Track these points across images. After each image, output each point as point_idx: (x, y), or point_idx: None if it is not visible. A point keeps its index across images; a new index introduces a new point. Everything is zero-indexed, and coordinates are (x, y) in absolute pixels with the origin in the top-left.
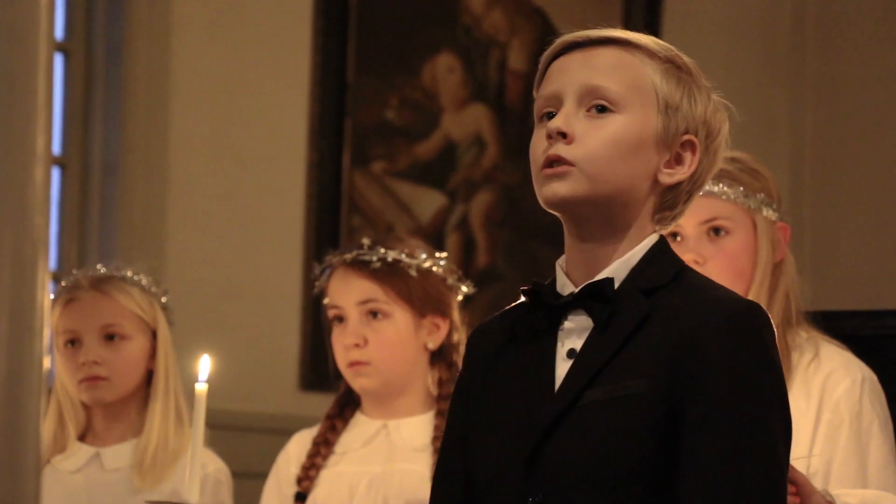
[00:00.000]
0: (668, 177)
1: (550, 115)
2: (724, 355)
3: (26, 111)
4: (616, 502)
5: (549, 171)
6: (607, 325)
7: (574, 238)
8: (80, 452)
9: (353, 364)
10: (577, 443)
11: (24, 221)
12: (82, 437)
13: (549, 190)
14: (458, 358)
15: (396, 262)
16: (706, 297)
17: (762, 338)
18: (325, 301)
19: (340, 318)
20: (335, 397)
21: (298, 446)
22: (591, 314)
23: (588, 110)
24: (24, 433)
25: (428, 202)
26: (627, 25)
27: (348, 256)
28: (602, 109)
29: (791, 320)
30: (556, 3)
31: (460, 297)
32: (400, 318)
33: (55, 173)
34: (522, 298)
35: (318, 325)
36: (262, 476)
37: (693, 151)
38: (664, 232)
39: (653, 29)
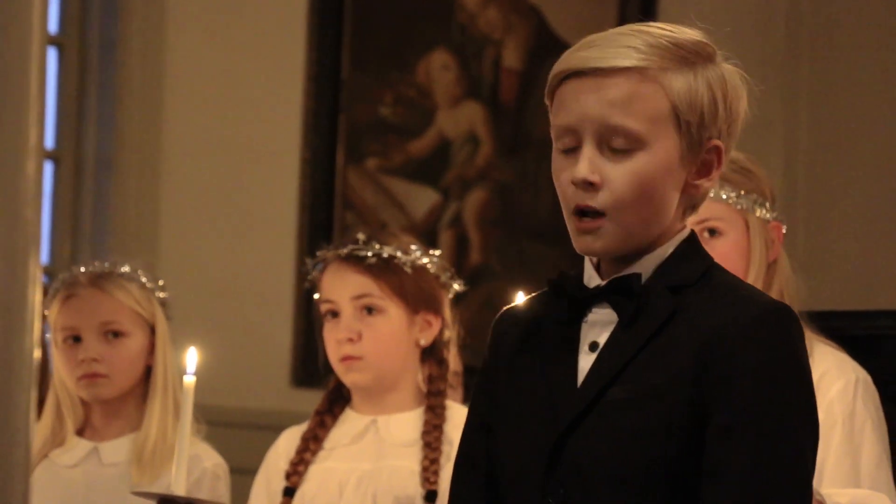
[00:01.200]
0: (697, 189)
1: (569, 147)
2: (753, 358)
3: (19, 105)
4: (638, 501)
5: (581, 224)
6: (632, 320)
7: None
8: (79, 447)
9: (345, 359)
10: (599, 440)
11: (15, 216)
12: (80, 432)
13: (584, 244)
14: (449, 355)
15: (392, 257)
16: (735, 297)
17: (792, 341)
18: (318, 295)
19: (334, 313)
20: (324, 393)
21: (288, 442)
22: (616, 309)
23: (609, 147)
24: (14, 428)
25: (421, 199)
26: (622, 25)
27: (343, 251)
28: (623, 148)
29: None
30: (551, 1)
31: (451, 295)
32: (394, 314)
33: (48, 167)
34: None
35: (310, 322)
36: (254, 472)
37: (718, 157)
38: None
39: None
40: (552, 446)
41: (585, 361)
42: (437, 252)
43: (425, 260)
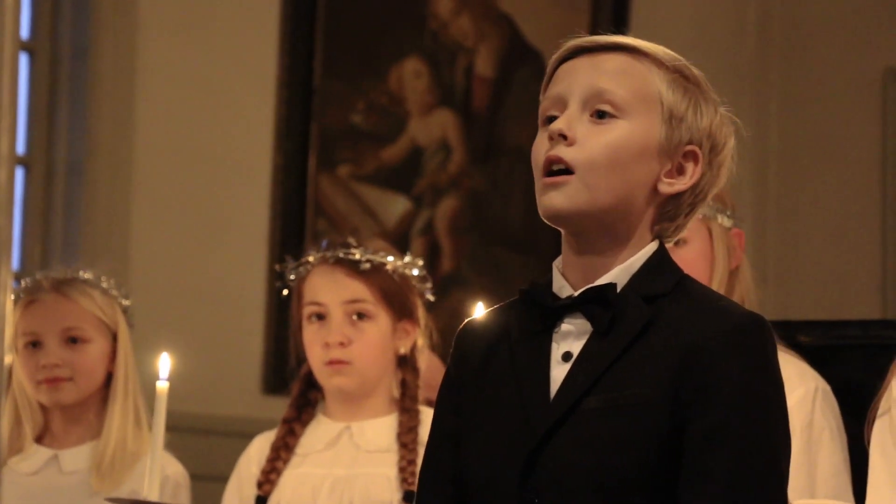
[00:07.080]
0: (668, 186)
1: (553, 119)
2: (735, 369)
3: None
4: None
5: (548, 179)
6: (608, 330)
7: (572, 247)
8: (38, 454)
9: (333, 362)
10: (576, 450)
11: None
12: (39, 439)
13: (548, 200)
14: (422, 363)
15: (382, 264)
16: (712, 308)
17: (769, 353)
18: (302, 298)
19: (320, 316)
20: (290, 400)
21: (260, 448)
22: (590, 318)
23: (592, 114)
24: None
25: (393, 207)
26: (594, 33)
27: (335, 254)
28: (606, 114)
29: None
30: (524, 9)
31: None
32: (382, 320)
33: (19, 173)
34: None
35: (281, 329)
36: (223, 479)
37: (695, 162)
38: (667, 245)
39: None
40: (527, 457)
41: (558, 371)
42: (420, 262)
43: (410, 268)
